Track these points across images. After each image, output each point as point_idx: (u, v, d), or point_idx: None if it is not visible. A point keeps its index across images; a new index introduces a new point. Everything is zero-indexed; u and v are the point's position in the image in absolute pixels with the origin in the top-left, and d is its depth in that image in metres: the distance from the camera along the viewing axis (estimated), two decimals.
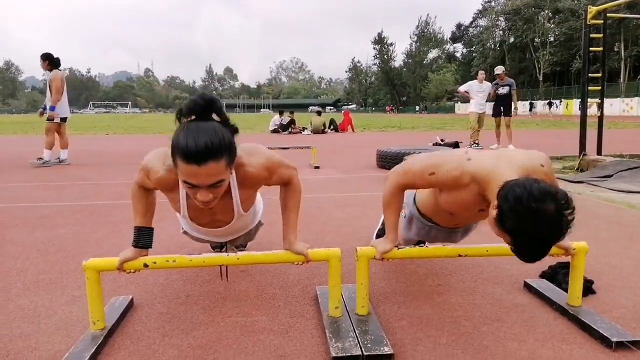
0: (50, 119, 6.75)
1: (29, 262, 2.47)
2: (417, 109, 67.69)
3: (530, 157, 1.61)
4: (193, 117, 1.40)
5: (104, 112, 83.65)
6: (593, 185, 4.87)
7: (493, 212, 1.42)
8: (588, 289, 1.99)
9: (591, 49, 5.87)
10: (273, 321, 1.78)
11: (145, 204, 1.71)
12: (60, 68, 6.89)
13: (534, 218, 1.30)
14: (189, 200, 1.66)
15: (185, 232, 2.18)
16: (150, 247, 1.71)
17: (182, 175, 1.39)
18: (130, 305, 1.89)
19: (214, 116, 1.44)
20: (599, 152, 6.14)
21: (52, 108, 6.73)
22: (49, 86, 6.73)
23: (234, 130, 1.47)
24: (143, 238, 1.69)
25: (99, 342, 1.56)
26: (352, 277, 2.08)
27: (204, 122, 1.40)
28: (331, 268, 1.70)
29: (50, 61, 6.81)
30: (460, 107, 51.48)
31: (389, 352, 1.49)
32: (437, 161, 1.66)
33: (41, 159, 6.79)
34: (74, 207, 3.94)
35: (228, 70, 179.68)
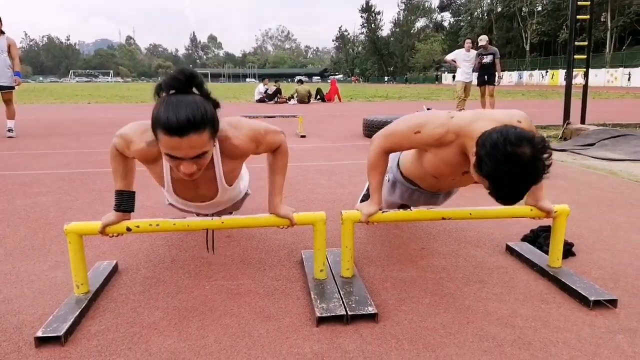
0: (17, 85, 6.46)
1: (10, 229, 2.44)
2: (385, 79, 69.00)
3: (510, 114, 1.64)
4: (173, 91, 1.36)
5: (85, 81, 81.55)
6: (576, 153, 4.93)
7: (472, 159, 1.47)
8: (568, 251, 2.03)
9: (578, 16, 5.84)
10: (258, 284, 1.79)
11: (126, 167, 1.67)
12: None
13: (510, 162, 1.35)
14: (172, 173, 1.63)
15: (170, 205, 2.15)
16: (133, 211, 1.68)
17: (164, 148, 1.36)
18: (114, 270, 1.89)
19: (195, 91, 1.40)
20: (582, 121, 6.19)
21: (19, 74, 6.46)
22: (7, 52, 6.27)
23: (216, 104, 1.43)
24: (125, 202, 1.66)
25: (83, 305, 1.55)
26: (337, 243, 2.09)
27: (185, 95, 1.35)
28: (316, 231, 1.70)
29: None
30: (447, 78, 51.31)
31: (373, 312, 1.51)
32: (422, 120, 1.68)
33: (11, 129, 6.57)
34: (56, 175, 3.87)
35: (212, 39, 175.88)
